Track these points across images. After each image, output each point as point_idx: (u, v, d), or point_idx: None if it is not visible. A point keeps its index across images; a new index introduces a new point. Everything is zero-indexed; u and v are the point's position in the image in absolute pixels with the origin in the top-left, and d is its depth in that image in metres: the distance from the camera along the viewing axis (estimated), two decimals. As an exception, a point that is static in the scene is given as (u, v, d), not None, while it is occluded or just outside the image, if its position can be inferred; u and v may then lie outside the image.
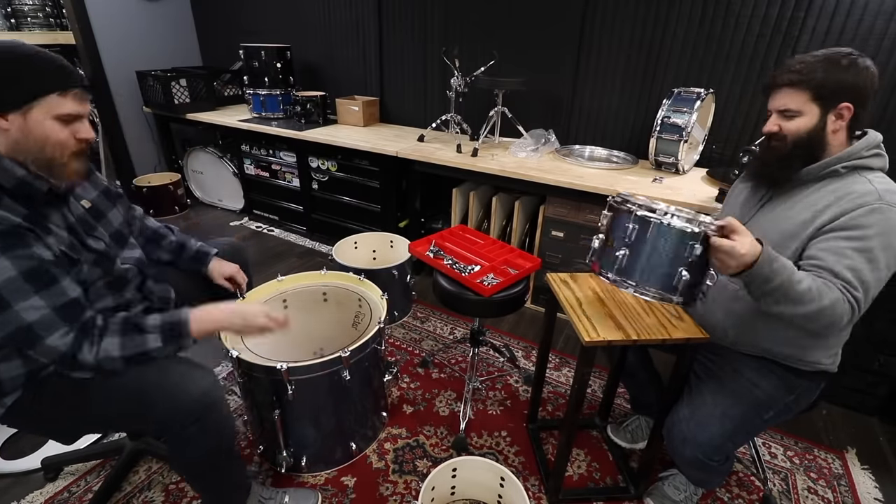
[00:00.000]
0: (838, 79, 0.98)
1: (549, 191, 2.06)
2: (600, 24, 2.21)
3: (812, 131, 1.03)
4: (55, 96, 0.90)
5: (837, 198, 1.01)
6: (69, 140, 0.95)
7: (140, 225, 1.35)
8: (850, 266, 0.95)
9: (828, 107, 1.01)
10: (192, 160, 3.54)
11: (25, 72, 0.89)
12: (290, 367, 1.22)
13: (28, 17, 2.80)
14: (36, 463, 1.43)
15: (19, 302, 0.87)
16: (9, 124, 0.89)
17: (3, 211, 0.87)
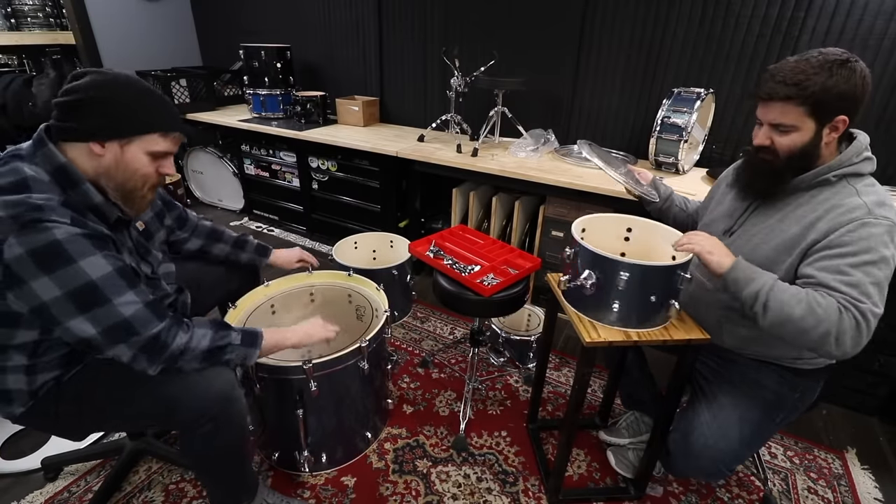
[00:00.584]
0: (837, 92, 0.93)
1: (548, 191, 2.06)
2: (600, 24, 2.21)
3: (806, 146, 0.99)
4: (157, 136, 0.97)
5: (827, 211, 0.99)
6: (153, 174, 1.01)
7: (195, 224, 1.42)
8: (850, 282, 0.93)
9: (824, 121, 0.97)
10: (192, 160, 3.54)
11: (141, 107, 0.95)
12: (314, 363, 1.23)
13: (28, 17, 2.80)
14: (36, 463, 1.43)
15: (117, 297, 0.90)
16: (104, 151, 0.94)
17: (92, 222, 0.91)
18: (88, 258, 0.87)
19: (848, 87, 0.92)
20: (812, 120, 0.96)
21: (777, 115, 0.98)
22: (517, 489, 1.45)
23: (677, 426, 1.23)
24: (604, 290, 1.07)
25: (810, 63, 0.94)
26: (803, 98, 0.94)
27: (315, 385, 1.25)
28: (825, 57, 0.94)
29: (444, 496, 1.42)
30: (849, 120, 0.96)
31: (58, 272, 0.84)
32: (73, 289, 0.85)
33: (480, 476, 1.49)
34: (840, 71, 0.92)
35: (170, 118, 0.99)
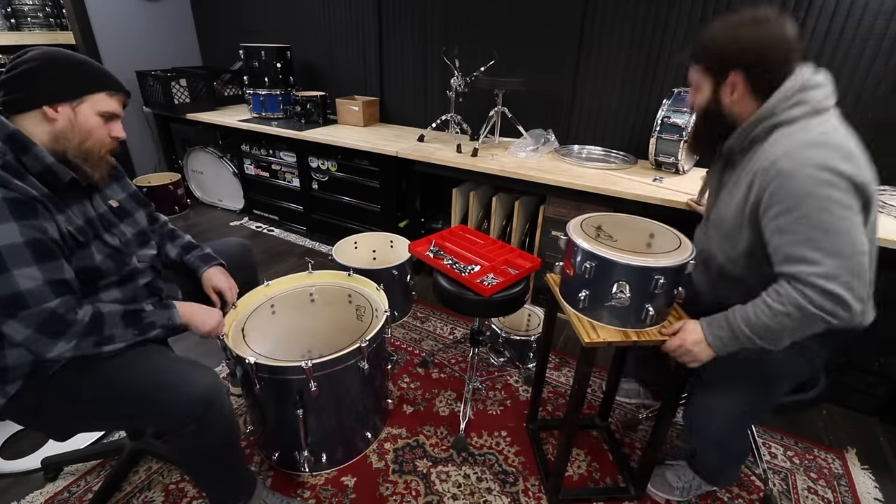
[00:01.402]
0: (722, 49, 0.97)
1: (548, 191, 2.06)
2: (600, 24, 2.21)
3: (708, 105, 1.04)
4: (104, 95, 1.03)
5: (757, 170, 0.96)
6: (106, 136, 1.06)
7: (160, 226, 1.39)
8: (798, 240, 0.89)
9: (718, 79, 1.00)
10: (192, 160, 3.54)
11: (83, 71, 1.01)
12: (314, 364, 1.23)
13: (28, 17, 2.80)
14: (36, 463, 1.43)
15: (17, 268, 0.89)
16: (58, 115, 0.98)
17: (22, 184, 0.92)
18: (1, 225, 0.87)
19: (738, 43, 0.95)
20: (707, 78, 1.02)
21: (690, 74, 1.07)
22: (517, 489, 1.45)
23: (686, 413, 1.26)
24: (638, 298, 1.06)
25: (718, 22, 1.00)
26: (697, 56, 1.02)
27: (315, 385, 1.25)
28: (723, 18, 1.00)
29: (444, 496, 1.42)
30: (745, 77, 0.97)
31: None
32: None
33: (480, 476, 1.49)
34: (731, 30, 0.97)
35: (112, 80, 1.05)
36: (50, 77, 0.97)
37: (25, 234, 0.90)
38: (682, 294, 1.11)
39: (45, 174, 0.97)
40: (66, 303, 0.95)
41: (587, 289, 1.10)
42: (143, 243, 1.23)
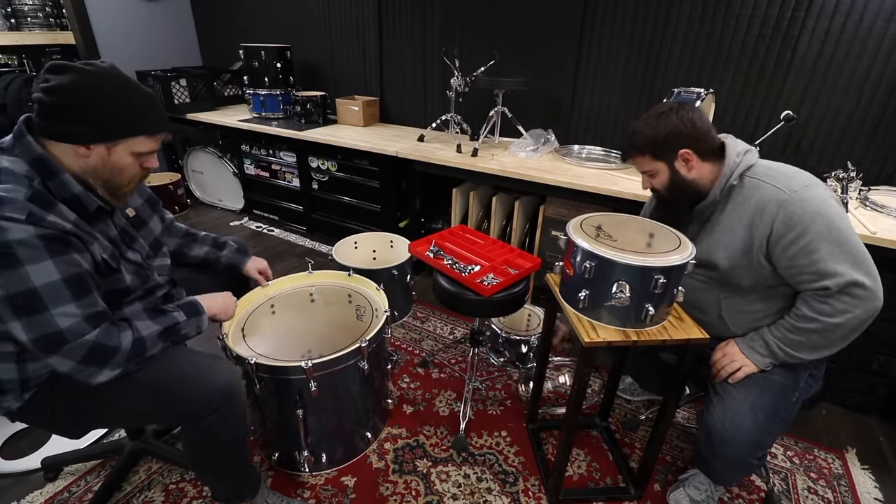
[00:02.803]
0: (661, 137, 1.13)
1: (548, 191, 2.06)
2: (600, 24, 2.21)
3: (671, 180, 1.17)
4: (143, 137, 0.98)
5: (753, 208, 1.09)
6: (138, 171, 1.02)
7: (170, 222, 1.40)
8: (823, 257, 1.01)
9: (669, 159, 1.15)
10: (192, 160, 3.54)
11: (127, 111, 0.94)
12: (314, 364, 1.23)
13: (28, 17, 2.80)
14: (36, 463, 1.43)
15: (56, 307, 0.88)
16: (89, 153, 0.94)
17: (55, 217, 0.89)
18: (37, 263, 0.86)
19: (668, 130, 1.13)
20: (660, 161, 1.17)
21: (639, 166, 1.21)
22: (517, 489, 1.45)
23: (700, 431, 1.25)
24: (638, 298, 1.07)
25: (641, 123, 1.17)
26: (641, 149, 1.17)
27: (315, 385, 1.25)
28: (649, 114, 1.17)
29: (444, 496, 1.42)
30: (692, 150, 1.13)
31: (3, 273, 0.84)
32: (14, 293, 0.85)
33: (480, 476, 1.49)
34: (658, 122, 1.14)
35: (155, 119, 0.99)
36: (89, 121, 0.91)
37: (62, 270, 0.88)
38: (682, 294, 1.12)
39: (71, 202, 0.94)
40: (105, 332, 0.94)
41: (587, 289, 1.10)
42: (157, 252, 1.22)
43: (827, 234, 1.01)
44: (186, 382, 1.04)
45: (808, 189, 1.04)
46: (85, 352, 0.92)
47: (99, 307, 0.95)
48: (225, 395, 1.05)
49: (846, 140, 1.88)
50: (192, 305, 1.15)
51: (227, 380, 1.07)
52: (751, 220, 1.10)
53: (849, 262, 1.00)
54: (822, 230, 1.01)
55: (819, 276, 1.02)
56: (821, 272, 1.02)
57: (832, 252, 1.01)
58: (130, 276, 1.07)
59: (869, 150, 1.85)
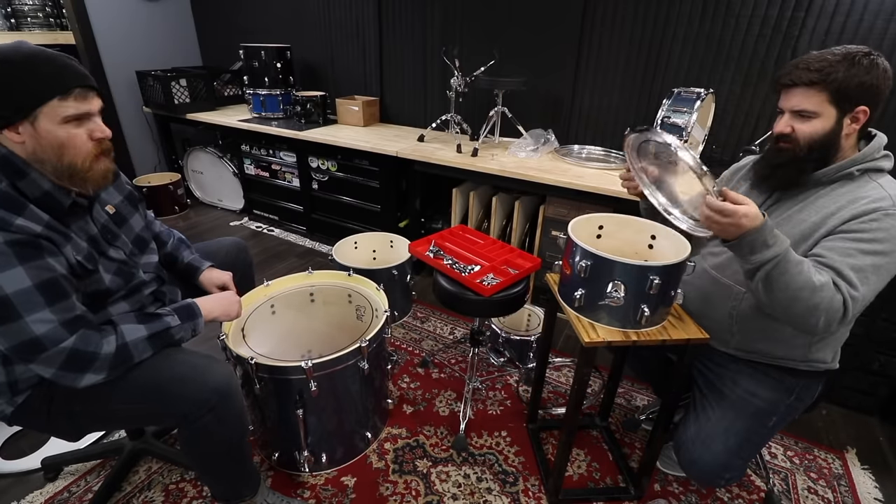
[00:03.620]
0: (860, 81, 0.94)
1: (548, 191, 2.06)
2: (600, 23, 2.21)
3: (828, 134, 0.99)
4: (56, 101, 0.88)
5: (849, 201, 0.99)
6: (86, 142, 0.94)
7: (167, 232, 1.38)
8: (855, 266, 0.94)
9: (845, 109, 0.97)
10: (192, 160, 3.54)
11: (19, 82, 0.86)
12: (314, 364, 1.23)
13: (28, 17, 2.80)
14: (36, 463, 1.43)
15: (30, 314, 0.86)
16: (21, 136, 0.89)
17: (24, 220, 0.86)
18: (7, 270, 0.83)
19: (869, 77, 0.94)
20: (833, 107, 0.97)
21: (800, 100, 0.99)
22: (517, 489, 1.45)
23: (674, 440, 1.26)
24: (633, 298, 1.06)
25: (834, 53, 0.96)
26: (826, 83, 0.95)
27: (315, 385, 1.25)
28: (848, 50, 0.96)
29: (444, 496, 1.42)
30: (869, 112, 0.97)
31: None
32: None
33: (480, 476, 1.49)
34: (863, 61, 0.94)
35: (57, 79, 0.89)
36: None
37: (34, 276, 0.86)
38: (681, 296, 1.11)
39: (44, 199, 0.91)
40: (83, 337, 0.92)
41: (583, 288, 1.10)
42: (143, 249, 1.19)
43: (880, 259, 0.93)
44: (182, 382, 1.02)
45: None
46: (63, 358, 0.90)
47: (76, 311, 0.93)
48: (221, 394, 1.04)
49: (846, 140, 1.88)
50: (188, 309, 1.13)
51: (223, 379, 1.05)
52: (836, 210, 0.99)
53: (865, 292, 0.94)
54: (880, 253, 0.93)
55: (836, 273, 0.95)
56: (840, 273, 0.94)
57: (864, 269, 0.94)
58: (110, 276, 1.04)
59: (869, 150, 1.85)
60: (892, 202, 0.96)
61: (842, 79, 0.94)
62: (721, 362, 1.24)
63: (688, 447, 1.19)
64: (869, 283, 0.94)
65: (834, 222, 0.99)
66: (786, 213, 1.08)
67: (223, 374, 1.07)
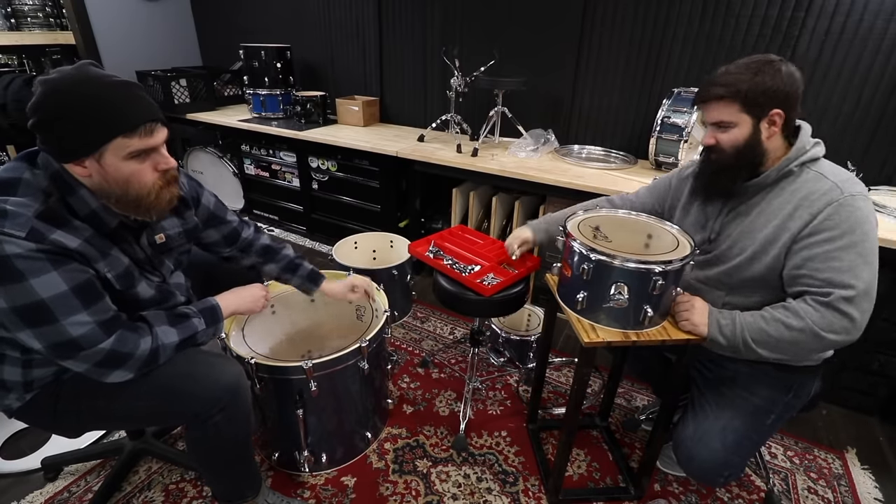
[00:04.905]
0: (765, 88, 0.99)
1: (548, 191, 2.06)
2: (600, 24, 2.21)
3: (749, 140, 1.04)
4: (120, 139, 0.87)
5: (801, 199, 1.03)
6: (150, 175, 0.94)
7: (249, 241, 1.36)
8: (840, 267, 0.96)
9: (759, 115, 1.02)
10: (192, 160, 3.54)
11: (86, 118, 0.85)
12: (314, 364, 1.23)
13: (28, 17, 2.80)
14: (36, 463, 1.43)
15: (67, 317, 0.87)
16: (87, 170, 0.89)
17: (59, 236, 0.86)
18: (41, 276, 0.84)
19: (774, 83, 0.99)
20: (747, 115, 1.03)
21: (716, 113, 1.06)
22: (517, 489, 1.45)
23: (673, 438, 1.27)
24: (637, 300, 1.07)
25: (738, 66, 1.03)
26: (733, 95, 1.01)
27: (315, 385, 1.25)
28: (752, 60, 1.02)
29: (444, 496, 1.42)
30: (784, 113, 1.01)
31: (6, 286, 0.83)
32: (20, 305, 0.84)
33: (480, 476, 1.49)
34: (766, 69, 1.00)
35: (128, 115, 0.87)
36: (62, 135, 0.85)
37: (69, 280, 0.87)
38: (680, 294, 1.11)
39: (91, 217, 0.92)
40: (120, 338, 0.93)
41: (585, 290, 1.10)
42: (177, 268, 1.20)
43: (860, 248, 0.96)
44: (193, 381, 1.04)
45: (864, 200, 0.98)
46: (100, 358, 0.92)
47: (111, 312, 0.94)
48: (232, 393, 1.05)
49: (846, 140, 1.88)
50: (213, 312, 1.12)
51: (234, 378, 1.07)
52: (792, 211, 1.03)
53: (863, 284, 0.95)
54: (856, 242, 0.96)
55: (827, 283, 0.97)
56: (831, 281, 0.96)
57: (854, 266, 0.96)
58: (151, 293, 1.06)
59: (869, 151, 1.85)
60: (839, 189, 0.99)
61: (747, 88, 1.00)
62: (719, 361, 1.24)
63: (686, 445, 1.19)
64: (862, 273, 0.96)
65: (796, 224, 1.02)
66: (745, 222, 1.11)
67: (234, 372, 1.08)
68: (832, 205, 0.98)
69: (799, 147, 1.04)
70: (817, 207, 1.00)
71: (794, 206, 1.03)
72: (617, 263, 1.04)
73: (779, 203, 1.06)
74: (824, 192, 1.00)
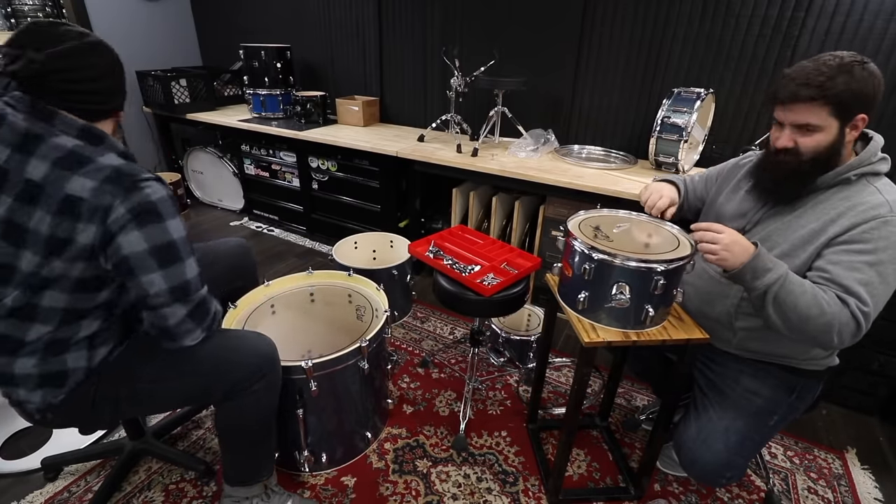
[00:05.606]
0: (857, 91, 0.94)
1: (548, 191, 2.06)
2: (600, 23, 2.21)
3: (831, 145, 0.99)
4: None
5: (848, 208, 1.00)
6: None
7: None
8: (862, 280, 0.95)
9: (846, 119, 0.97)
10: (192, 160, 3.54)
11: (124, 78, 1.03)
12: (314, 364, 1.24)
13: (28, 17, 2.80)
14: (36, 463, 1.43)
15: (187, 258, 0.97)
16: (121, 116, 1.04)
17: None
18: (173, 219, 0.94)
19: (865, 86, 0.94)
20: (835, 119, 0.97)
21: (802, 115, 0.98)
22: (517, 489, 1.45)
23: (675, 439, 1.26)
24: (638, 299, 1.06)
25: (828, 65, 0.95)
26: (827, 98, 0.95)
27: (315, 385, 1.25)
28: (842, 59, 0.95)
29: (444, 496, 1.42)
30: (868, 118, 0.98)
31: (148, 228, 0.90)
32: (157, 244, 0.91)
33: (480, 476, 1.49)
34: (859, 71, 0.94)
35: None
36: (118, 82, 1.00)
37: (184, 227, 0.97)
38: (681, 294, 1.11)
39: None
40: (207, 292, 1.03)
41: (586, 290, 1.10)
42: None
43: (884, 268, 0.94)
44: (237, 352, 1.10)
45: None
46: (195, 305, 0.99)
47: None
48: (271, 360, 1.13)
49: (846, 140, 1.88)
50: None
51: (271, 348, 1.15)
52: (836, 217, 1.00)
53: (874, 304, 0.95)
54: (884, 262, 0.94)
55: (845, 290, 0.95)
56: (850, 290, 0.95)
57: (871, 282, 0.94)
58: None
59: (869, 150, 1.85)
60: (890, 208, 0.96)
61: (841, 91, 0.94)
62: (722, 361, 1.24)
63: (689, 446, 1.19)
64: (878, 294, 0.95)
65: (835, 230, 0.99)
66: (785, 219, 1.08)
67: (269, 342, 1.16)
68: (878, 220, 0.96)
69: (864, 157, 1.01)
70: (862, 218, 0.97)
71: (838, 213, 1.00)
72: (618, 262, 1.04)
73: (823, 208, 1.03)
74: (874, 205, 0.97)
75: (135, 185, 0.88)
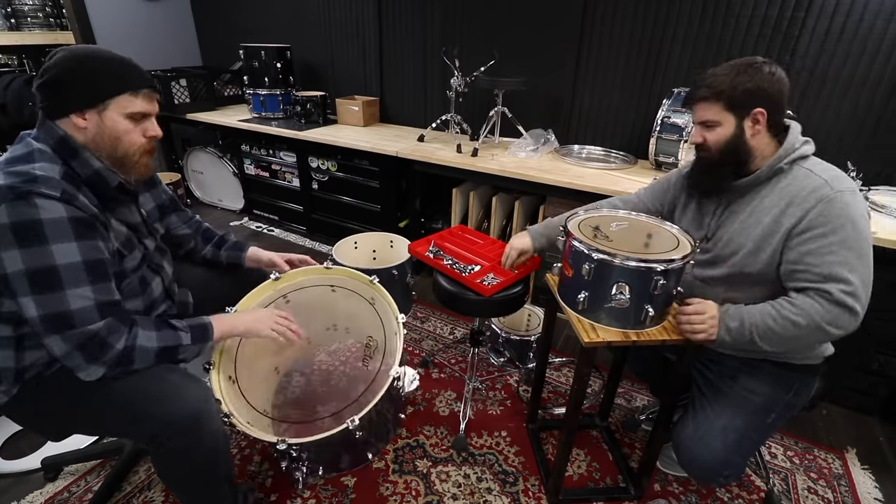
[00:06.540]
0: (745, 87, 1.03)
1: (548, 191, 2.06)
2: (600, 23, 2.21)
3: (732, 138, 1.08)
4: (127, 95, 0.99)
5: (792, 196, 1.05)
6: (140, 138, 1.03)
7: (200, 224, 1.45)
8: (836, 261, 0.98)
9: (742, 114, 1.06)
10: (192, 160, 3.54)
11: (102, 73, 0.97)
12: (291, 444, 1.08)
13: (28, 17, 2.80)
14: (36, 463, 1.43)
15: (71, 287, 0.90)
16: (87, 122, 0.97)
17: (84, 200, 0.93)
18: (63, 243, 0.88)
19: (754, 83, 1.03)
20: (730, 114, 1.07)
21: (701, 113, 1.10)
22: (517, 489, 1.45)
23: (673, 438, 1.27)
24: (638, 299, 1.07)
25: (722, 67, 1.08)
26: (716, 95, 1.06)
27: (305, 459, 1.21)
28: (735, 61, 1.07)
29: (444, 496, 1.42)
30: (766, 112, 1.04)
31: (29, 248, 0.86)
32: (35, 268, 0.87)
33: (480, 476, 1.49)
34: (747, 70, 1.04)
35: (136, 77, 1.01)
36: (71, 83, 0.95)
37: (85, 253, 0.91)
38: (681, 293, 1.12)
39: (93, 178, 0.98)
40: (108, 326, 0.93)
41: (586, 290, 1.10)
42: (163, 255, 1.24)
43: (852, 242, 0.98)
44: (156, 401, 0.98)
45: (853, 195, 1.00)
46: (85, 340, 0.91)
47: (114, 297, 0.96)
48: (192, 419, 0.98)
49: (846, 140, 1.88)
50: (203, 330, 1.09)
51: (196, 405, 1.00)
52: (784, 208, 1.05)
53: (860, 278, 0.97)
54: (849, 237, 0.98)
55: (825, 278, 0.98)
56: (830, 275, 0.98)
57: (849, 260, 0.97)
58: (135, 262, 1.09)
59: (869, 150, 1.85)
60: (829, 185, 1.01)
61: (728, 88, 1.04)
62: (720, 360, 1.24)
63: (687, 445, 1.19)
64: (857, 267, 0.98)
65: (790, 221, 1.04)
66: (740, 218, 1.13)
67: (198, 397, 1.01)
68: (822, 201, 1.00)
69: (788, 145, 1.07)
70: (808, 204, 1.02)
71: (786, 203, 1.06)
72: (617, 262, 1.04)
73: (770, 201, 1.08)
74: (814, 188, 1.02)
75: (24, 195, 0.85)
